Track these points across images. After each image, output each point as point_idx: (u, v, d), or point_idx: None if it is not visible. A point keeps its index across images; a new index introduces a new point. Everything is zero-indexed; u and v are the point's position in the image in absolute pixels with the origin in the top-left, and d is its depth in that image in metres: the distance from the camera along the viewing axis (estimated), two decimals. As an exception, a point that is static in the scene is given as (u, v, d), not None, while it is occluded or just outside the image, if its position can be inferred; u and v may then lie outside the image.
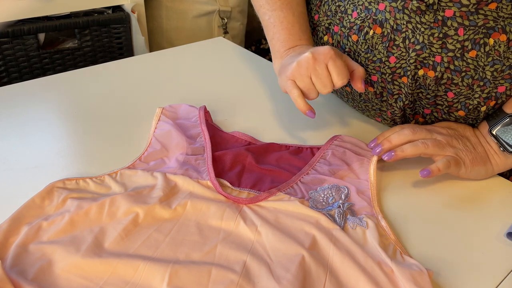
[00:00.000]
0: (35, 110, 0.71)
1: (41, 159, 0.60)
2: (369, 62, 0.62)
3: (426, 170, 0.56)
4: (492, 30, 0.54)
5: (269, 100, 0.78)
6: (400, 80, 0.61)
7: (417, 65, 0.58)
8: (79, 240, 0.46)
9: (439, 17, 0.55)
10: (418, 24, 0.56)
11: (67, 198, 0.51)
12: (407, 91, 0.61)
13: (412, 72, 0.59)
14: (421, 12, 0.55)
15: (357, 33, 0.62)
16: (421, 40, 0.57)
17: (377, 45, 0.60)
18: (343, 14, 0.64)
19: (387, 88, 0.62)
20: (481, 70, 0.56)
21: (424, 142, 0.57)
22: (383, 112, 0.67)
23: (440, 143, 0.57)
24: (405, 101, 0.62)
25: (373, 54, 0.61)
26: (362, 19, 0.61)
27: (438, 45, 0.56)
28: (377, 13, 0.59)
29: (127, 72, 0.86)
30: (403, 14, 0.57)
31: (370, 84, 0.64)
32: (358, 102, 0.68)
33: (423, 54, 0.57)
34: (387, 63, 0.60)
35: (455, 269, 0.47)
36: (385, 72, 0.61)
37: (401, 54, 0.59)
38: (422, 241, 0.51)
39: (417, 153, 0.57)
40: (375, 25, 0.60)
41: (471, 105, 0.59)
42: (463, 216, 0.55)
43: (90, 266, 0.43)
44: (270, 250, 0.46)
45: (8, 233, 0.46)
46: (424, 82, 0.59)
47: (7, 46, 1.27)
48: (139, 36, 1.43)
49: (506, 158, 0.59)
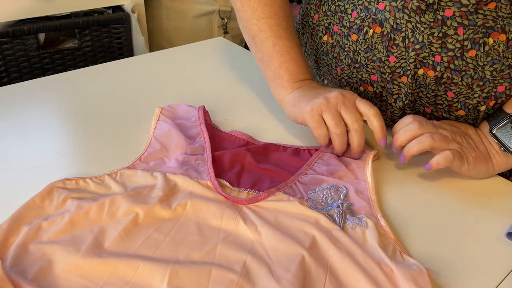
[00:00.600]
0: (35, 110, 0.71)
1: (41, 159, 0.60)
2: (369, 62, 0.62)
3: (427, 165, 0.56)
4: (491, 30, 0.54)
5: (269, 100, 0.78)
6: (399, 79, 0.61)
7: (417, 64, 0.58)
8: (79, 240, 0.46)
9: (439, 16, 0.55)
10: (418, 23, 0.56)
11: (67, 198, 0.51)
12: (407, 91, 0.61)
13: (412, 72, 0.59)
14: (421, 12, 0.55)
15: (357, 33, 0.62)
16: (421, 39, 0.57)
17: (376, 44, 0.60)
18: (343, 13, 0.64)
19: (387, 87, 0.63)
20: (480, 70, 0.56)
21: (430, 136, 0.56)
22: (382, 112, 0.67)
23: (446, 137, 0.57)
24: (404, 101, 0.62)
25: (373, 54, 0.61)
26: (362, 19, 0.61)
27: (437, 45, 0.56)
28: (376, 12, 0.59)
29: (127, 72, 0.86)
30: (403, 13, 0.57)
31: (369, 84, 0.64)
32: None
33: (422, 54, 0.57)
34: (387, 62, 0.60)
35: (455, 269, 0.47)
36: (385, 71, 0.61)
37: (401, 53, 0.59)
38: (422, 240, 0.51)
39: (424, 148, 0.56)
40: (375, 25, 0.60)
41: (470, 104, 0.59)
42: (463, 216, 0.55)
43: (90, 266, 0.43)
44: (270, 250, 0.46)
45: (8, 233, 0.46)
46: (424, 82, 0.59)
47: (7, 46, 1.28)
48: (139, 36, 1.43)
49: (507, 158, 0.59)
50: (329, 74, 0.71)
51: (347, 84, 0.67)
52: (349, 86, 0.67)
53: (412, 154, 0.57)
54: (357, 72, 0.64)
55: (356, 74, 0.65)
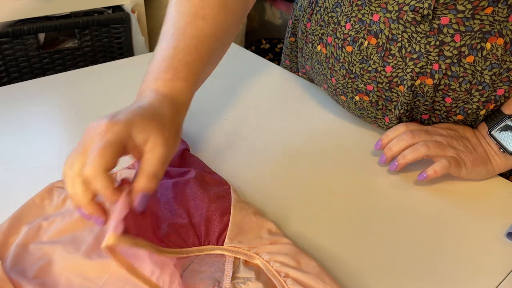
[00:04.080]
0: (35, 110, 0.71)
1: (41, 159, 0.60)
2: (364, 72, 0.61)
3: (423, 174, 0.56)
4: (488, 34, 0.54)
5: (269, 100, 0.78)
6: (397, 88, 0.60)
7: (414, 76, 0.57)
8: (79, 240, 0.46)
9: (435, 25, 0.55)
10: (414, 33, 0.56)
11: (67, 198, 0.51)
12: (403, 100, 0.60)
13: (408, 82, 0.58)
14: (416, 23, 0.55)
15: (352, 44, 0.61)
16: (418, 49, 0.56)
17: (372, 55, 0.60)
18: (336, 25, 0.63)
19: (384, 96, 0.62)
20: (479, 75, 0.56)
21: (425, 144, 0.57)
22: (379, 119, 0.66)
23: (441, 144, 0.57)
24: (400, 110, 0.62)
25: (368, 64, 0.60)
26: (357, 30, 0.60)
27: (435, 53, 0.56)
28: (371, 24, 0.59)
29: (127, 72, 0.86)
30: (398, 24, 0.56)
31: (365, 94, 0.63)
32: (354, 110, 0.68)
33: (420, 63, 0.57)
34: (383, 72, 0.60)
35: (455, 269, 0.47)
36: (382, 81, 0.60)
37: (397, 63, 0.58)
38: (422, 240, 0.51)
39: (419, 156, 0.57)
40: (370, 36, 0.59)
41: (470, 109, 0.59)
42: (463, 216, 0.55)
43: (90, 266, 0.43)
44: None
45: (8, 233, 0.46)
46: (422, 91, 0.59)
47: (7, 46, 1.28)
48: (139, 36, 1.43)
49: (506, 159, 0.59)
50: (324, 83, 0.70)
51: (343, 93, 0.67)
52: (344, 96, 0.67)
53: (407, 162, 0.57)
54: (353, 82, 0.63)
55: (351, 84, 0.64)
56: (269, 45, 1.92)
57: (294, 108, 0.75)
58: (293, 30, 0.79)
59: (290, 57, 0.84)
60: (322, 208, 0.55)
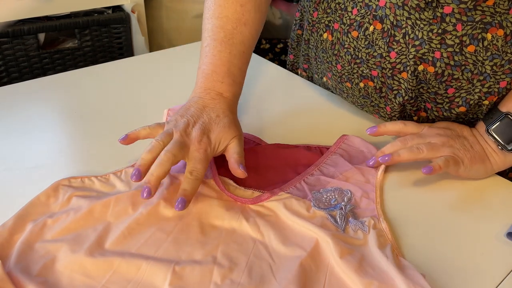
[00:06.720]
0: (35, 110, 0.71)
1: (41, 159, 0.60)
2: (370, 57, 0.63)
3: (428, 167, 0.56)
4: (489, 25, 0.55)
5: (269, 100, 0.78)
6: (399, 75, 0.61)
7: (416, 61, 0.59)
8: (82, 239, 0.46)
9: (438, 13, 0.56)
10: (417, 20, 0.57)
11: (72, 196, 0.51)
12: (407, 87, 0.61)
13: (411, 68, 0.60)
14: (420, 9, 0.57)
15: (357, 29, 0.63)
16: (420, 36, 0.58)
17: (377, 40, 0.61)
18: (343, 11, 0.65)
19: (387, 83, 0.63)
20: (480, 65, 0.57)
21: (418, 148, 0.58)
22: (381, 108, 0.67)
23: (434, 145, 0.58)
24: (404, 97, 0.63)
25: (374, 50, 0.62)
26: (362, 15, 0.62)
27: (437, 41, 0.57)
28: (377, 9, 0.60)
29: (127, 72, 0.86)
30: (403, 10, 0.58)
31: (370, 79, 0.65)
32: (358, 97, 0.69)
33: (422, 50, 0.58)
34: (388, 58, 0.61)
35: (455, 269, 0.48)
36: (386, 67, 0.62)
37: (401, 49, 0.60)
38: (422, 241, 0.51)
39: (413, 158, 0.58)
40: (375, 21, 0.61)
41: (472, 100, 0.60)
42: (463, 216, 0.55)
43: (93, 265, 0.44)
44: (272, 251, 0.47)
45: (13, 230, 0.47)
46: (425, 77, 0.60)
47: (7, 46, 1.28)
48: (139, 36, 1.43)
49: (505, 156, 0.59)
50: (328, 71, 0.71)
51: (348, 80, 0.68)
52: (349, 82, 0.68)
53: (401, 159, 0.58)
54: (358, 67, 0.65)
55: (357, 70, 0.65)
56: (269, 45, 1.92)
57: (294, 108, 0.75)
58: (301, 23, 0.80)
59: (296, 51, 0.84)
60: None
